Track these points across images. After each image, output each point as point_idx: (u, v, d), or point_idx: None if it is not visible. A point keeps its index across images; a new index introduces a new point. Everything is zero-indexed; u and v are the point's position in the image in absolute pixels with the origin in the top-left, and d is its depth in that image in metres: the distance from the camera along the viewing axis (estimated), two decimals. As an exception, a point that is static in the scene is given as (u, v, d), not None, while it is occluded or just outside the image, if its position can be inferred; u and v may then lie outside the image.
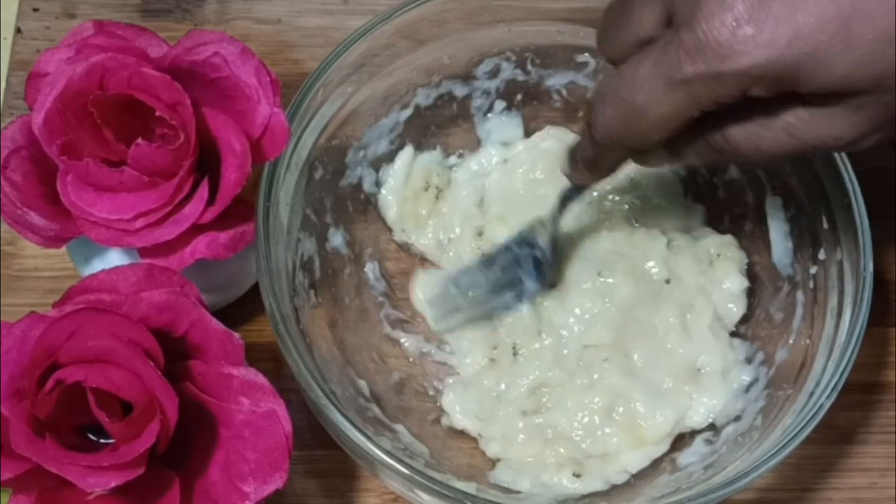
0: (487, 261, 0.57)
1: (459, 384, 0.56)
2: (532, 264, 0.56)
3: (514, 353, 0.56)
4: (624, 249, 0.57)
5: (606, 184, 0.56)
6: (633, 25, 0.43)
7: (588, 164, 0.48)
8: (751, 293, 0.57)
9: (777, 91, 0.39)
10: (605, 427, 0.54)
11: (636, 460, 0.54)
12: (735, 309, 0.57)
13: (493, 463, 0.54)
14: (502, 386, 0.55)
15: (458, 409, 0.55)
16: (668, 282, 0.57)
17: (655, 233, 0.58)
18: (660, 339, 0.56)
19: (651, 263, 0.57)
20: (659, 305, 0.56)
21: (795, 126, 0.40)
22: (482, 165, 0.61)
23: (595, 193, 0.58)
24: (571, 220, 0.57)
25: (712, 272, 0.57)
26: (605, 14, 0.45)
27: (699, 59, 0.38)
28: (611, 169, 0.48)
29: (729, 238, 0.58)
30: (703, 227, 0.59)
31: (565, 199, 0.54)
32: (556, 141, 0.60)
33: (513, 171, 0.60)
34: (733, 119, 0.41)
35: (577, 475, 0.53)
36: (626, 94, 0.41)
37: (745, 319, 0.57)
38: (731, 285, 0.57)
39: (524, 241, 0.56)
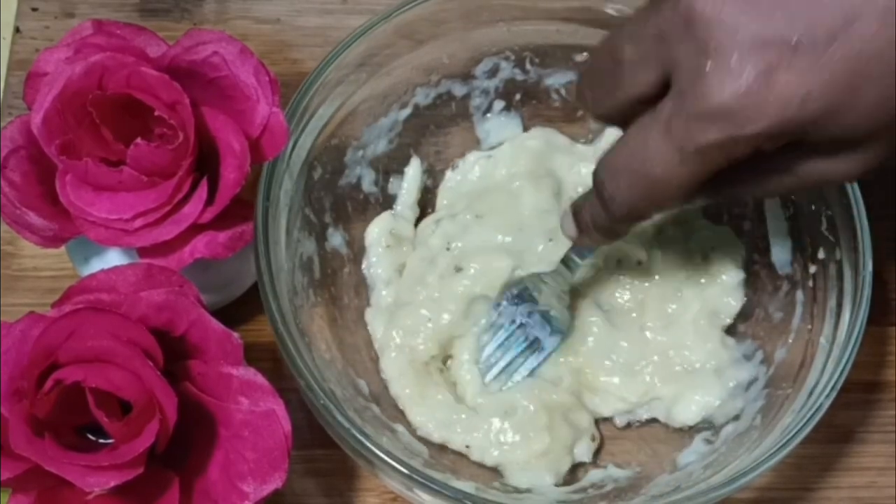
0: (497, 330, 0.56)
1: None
2: (542, 319, 0.56)
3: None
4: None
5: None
6: (627, 88, 0.42)
7: (602, 233, 0.48)
8: (748, 286, 0.57)
9: (786, 143, 0.39)
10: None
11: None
12: (733, 303, 0.57)
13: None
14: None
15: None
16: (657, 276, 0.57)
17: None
18: (644, 330, 0.56)
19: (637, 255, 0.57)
20: (645, 300, 0.57)
21: (802, 170, 0.41)
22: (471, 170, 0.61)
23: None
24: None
25: (706, 265, 0.57)
26: (589, 74, 0.45)
27: (712, 128, 0.38)
28: (625, 234, 0.48)
29: (725, 230, 0.58)
30: (699, 218, 0.60)
31: (572, 261, 0.54)
32: (542, 141, 0.60)
33: (494, 168, 0.60)
34: (741, 170, 0.41)
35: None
36: (640, 168, 0.41)
37: (744, 318, 0.57)
38: (727, 278, 0.57)
39: (521, 300, 0.56)
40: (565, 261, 0.54)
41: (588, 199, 0.47)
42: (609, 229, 0.47)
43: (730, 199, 0.45)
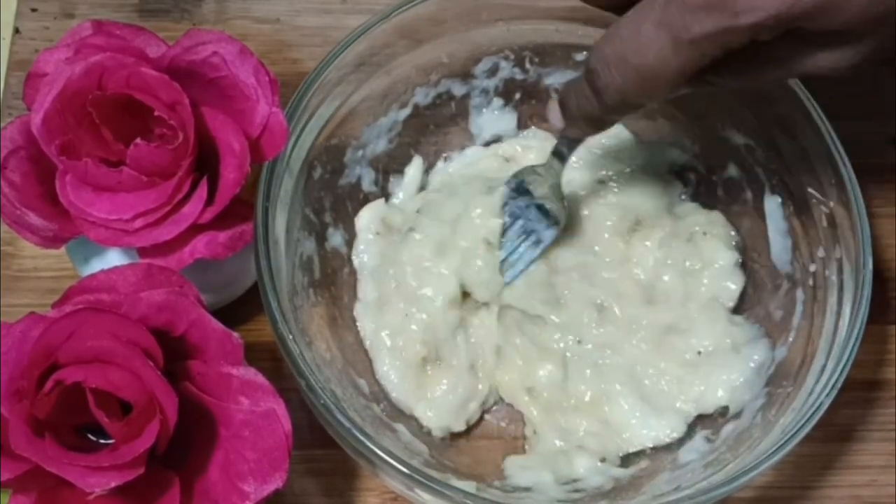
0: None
1: None
2: (538, 213, 0.56)
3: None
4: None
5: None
6: None
7: (591, 122, 0.48)
8: (749, 283, 0.57)
9: (778, 34, 0.39)
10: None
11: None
12: (733, 286, 0.57)
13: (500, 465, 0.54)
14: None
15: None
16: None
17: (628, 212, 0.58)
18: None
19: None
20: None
21: (794, 60, 0.41)
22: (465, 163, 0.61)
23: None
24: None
25: (697, 251, 0.57)
26: None
27: (707, 18, 0.38)
28: (613, 123, 0.49)
29: (715, 215, 0.58)
30: (686, 202, 0.59)
31: (561, 153, 0.54)
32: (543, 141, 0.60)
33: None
34: (734, 59, 0.41)
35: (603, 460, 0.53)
36: (634, 58, 0.41)
37: (744, 315, 0.57)
38: (722, 262, 0.57)
39: (520, 191, 0.56)
40: (556, 153, 0.54)
41: (575, 88, 0.47)
42: (598, 119, 0.47)
43: (718, 87, 0.45)
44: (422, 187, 0.60)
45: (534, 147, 0.60)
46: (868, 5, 0.38)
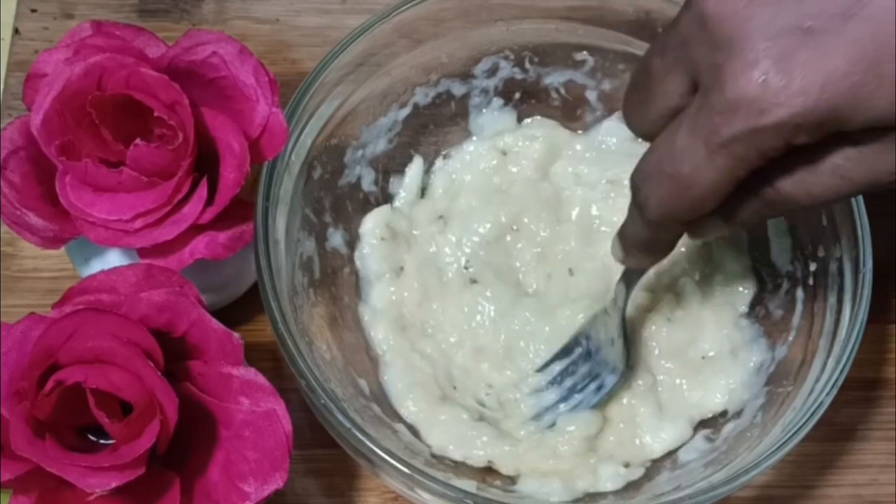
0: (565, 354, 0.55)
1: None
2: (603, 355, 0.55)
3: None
4: None
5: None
6: (659, 98, 0.42)
7: (644, 247, 0.47)
8: (758, 281, 0.57)
9: (821, 136, 0.38)
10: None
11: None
12: (745, 291, 0.57)
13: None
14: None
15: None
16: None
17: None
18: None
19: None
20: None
21: (845, 167, 0.39)
22: (466, 161, 0.61)
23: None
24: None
25: (709, 255, 0.57)
26: (628, 93, 0.44)
27: (734, 119, 0.38)
28: (669, 247, 0.47)
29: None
30: None
31: (628, 286, 0.53)
32: (548, 129, 0.60)
33: (508, 165, 0.60)
34: (781, 171, 0.40)
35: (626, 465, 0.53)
36: (669, 167, 0.41)
37: (746, 315, 0.57)
38: (734, 267, 0.57)
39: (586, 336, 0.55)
40: (622, 282, 0.53)
41: (628, 214, 0.47)
42: (649, 241, 0.46)
43: (773, 214, 0.43)
44: (423, 188, 0.60)
45: (538, 137, 0.60)
46: None
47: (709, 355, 0.55)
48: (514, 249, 0.58)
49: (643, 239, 0.47)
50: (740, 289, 0.57)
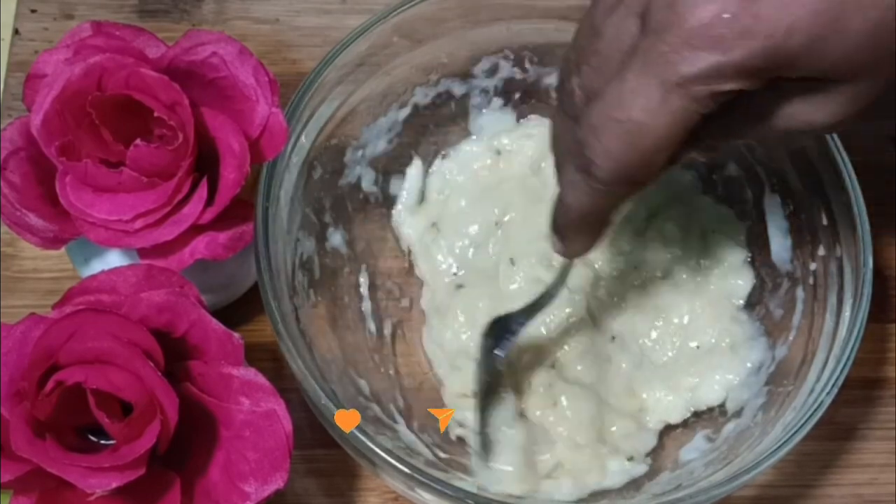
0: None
1: None
2: None
3: None
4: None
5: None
6: (607, 42, 0.39)
7: (583, 223, 0.43)
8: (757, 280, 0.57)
9: (765, 81, 0.37)
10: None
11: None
12: (742, 283, 0.57)
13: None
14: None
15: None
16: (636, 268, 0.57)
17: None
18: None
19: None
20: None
21: (788, 113, 0.39)
22: (462, 161, 0.61)
23: None
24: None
25: (707, 247, 0.57)
26: (568, 51, 0.42)
27: (697, 56, 0.36)
28: (606, 223, 0.44)
29: (724, 209, 0.58)
30: (698, 195, 0.59)
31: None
32: (544, 127, 0.60)
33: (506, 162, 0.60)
34: (724, 117, 0.38)
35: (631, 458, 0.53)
36: (618, 113, 0.38)
37: (746, 312, 0.57)
38: (732, 259, 0.57)
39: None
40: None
41: (564, 185, 0.43)
42: (589, 214, 0.42)
43: (713, 150, 0.41)
44: (423, 188, 0.60)
45: (534, 135, 0.60)
46: (862, 42, 0.36)
47: (705, 346, 0.55)
48: (502, 245, 0.58)
49: (584, 212, 0.42)
50: (739, 281, 0.57)
